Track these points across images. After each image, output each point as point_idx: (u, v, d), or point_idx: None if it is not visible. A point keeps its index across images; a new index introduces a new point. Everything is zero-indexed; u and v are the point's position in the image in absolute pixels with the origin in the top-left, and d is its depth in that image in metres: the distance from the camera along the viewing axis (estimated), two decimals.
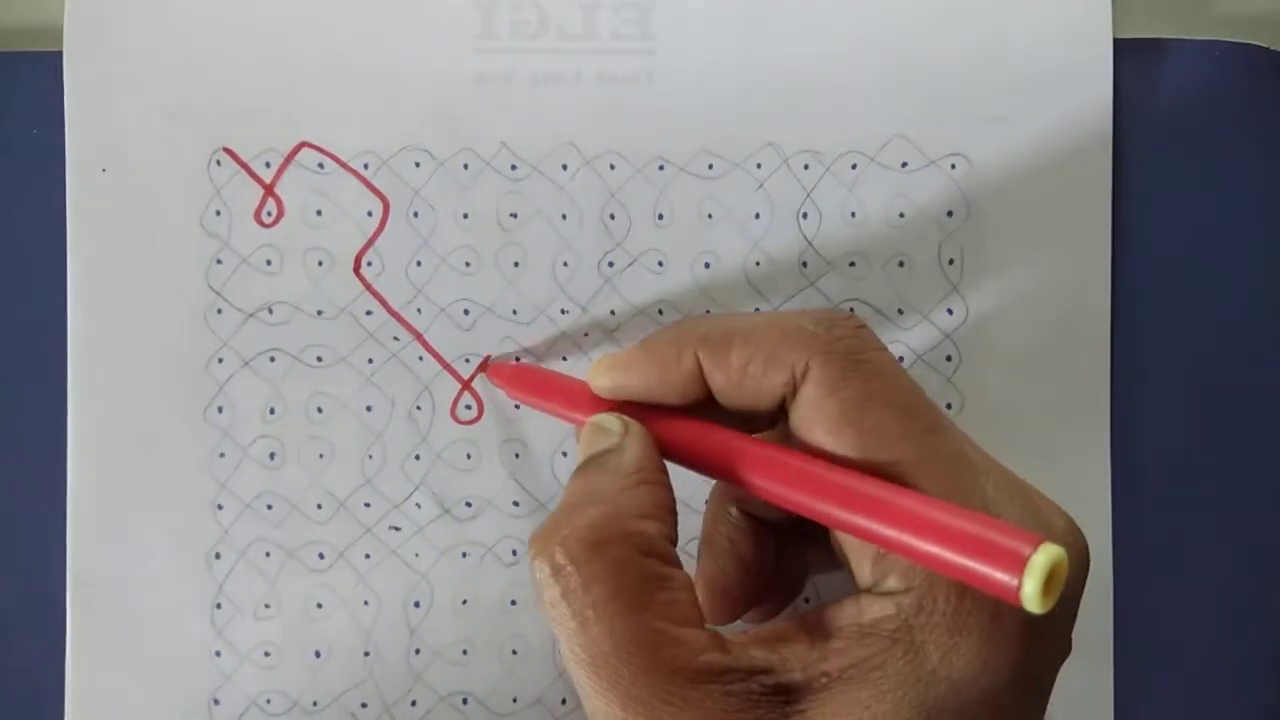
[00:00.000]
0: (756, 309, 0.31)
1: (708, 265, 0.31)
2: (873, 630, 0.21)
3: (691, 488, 0.31)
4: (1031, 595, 0.18)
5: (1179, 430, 0.31)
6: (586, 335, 0.31)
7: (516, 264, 0.31)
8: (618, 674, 0.21)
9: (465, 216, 0.31)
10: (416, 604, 0.31)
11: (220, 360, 0.31)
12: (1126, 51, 0.31)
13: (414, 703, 0.31)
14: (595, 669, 0.21)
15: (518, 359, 0.31)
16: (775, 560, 0.27)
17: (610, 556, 0.22)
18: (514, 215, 0.31)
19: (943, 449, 0.22)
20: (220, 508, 0.31)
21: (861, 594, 0.22)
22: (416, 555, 0.31)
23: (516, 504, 0.31)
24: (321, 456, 0.31)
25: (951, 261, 0.31)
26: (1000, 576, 0.19)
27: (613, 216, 0.31)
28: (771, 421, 0.25)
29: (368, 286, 0.31)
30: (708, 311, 0.31)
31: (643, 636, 0.21)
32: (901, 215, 0.31)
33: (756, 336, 0.24)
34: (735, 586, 0.27)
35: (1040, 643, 0.21)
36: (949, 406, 0.31)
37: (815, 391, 0.23)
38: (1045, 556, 0.19)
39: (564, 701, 0.31)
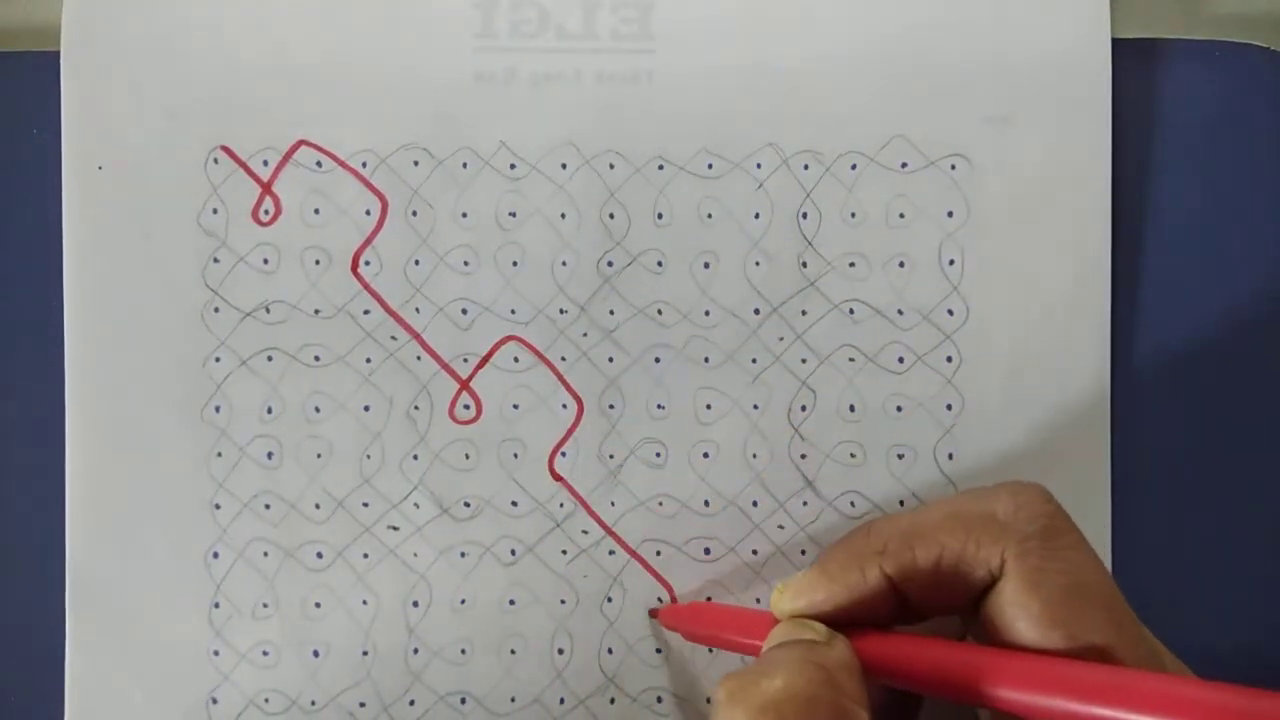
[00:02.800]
0: (755, 310, 0.31)
1: (707, 265, 0.31)
2: None
3: (690, 488, 0.31)
4: None
5: (1179, 430, 0.31)
6: (585, 335, 0.31)
7: (515, 263, 0.31)
8: None
9: (464, 215, 0.31)
10: (415, 603, 0.31)
11: (218, 359, 0.31)
12: (1126, 52, 0.31)
13: (412, 702, 0.31)
14: None
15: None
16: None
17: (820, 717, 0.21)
18: (513, 214, 0.31)
19: (1141, 643, 0.22)
20: (218, 507, 0.31)
21: None
22: (415, 555, 0.31)
23: (515, 504, 0.31)
24: (319, 456, 0.31)
25: (952, 262, 0.31)
26: None
27: (612, 216, 0.31)
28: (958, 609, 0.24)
29: (366, 286, 0.31)
30: (707, 313, 0.31)
31: None
32: (901, 216, 0.31)
33: (941, 535, 0.23)
34: None
35: None
36: (949, 407, 0.31)
37: (1015, 588, 0.22)
38: None
39: (562, 701, 0.31)
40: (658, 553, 0.31)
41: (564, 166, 0.31)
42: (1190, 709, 0.20)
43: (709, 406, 0.31)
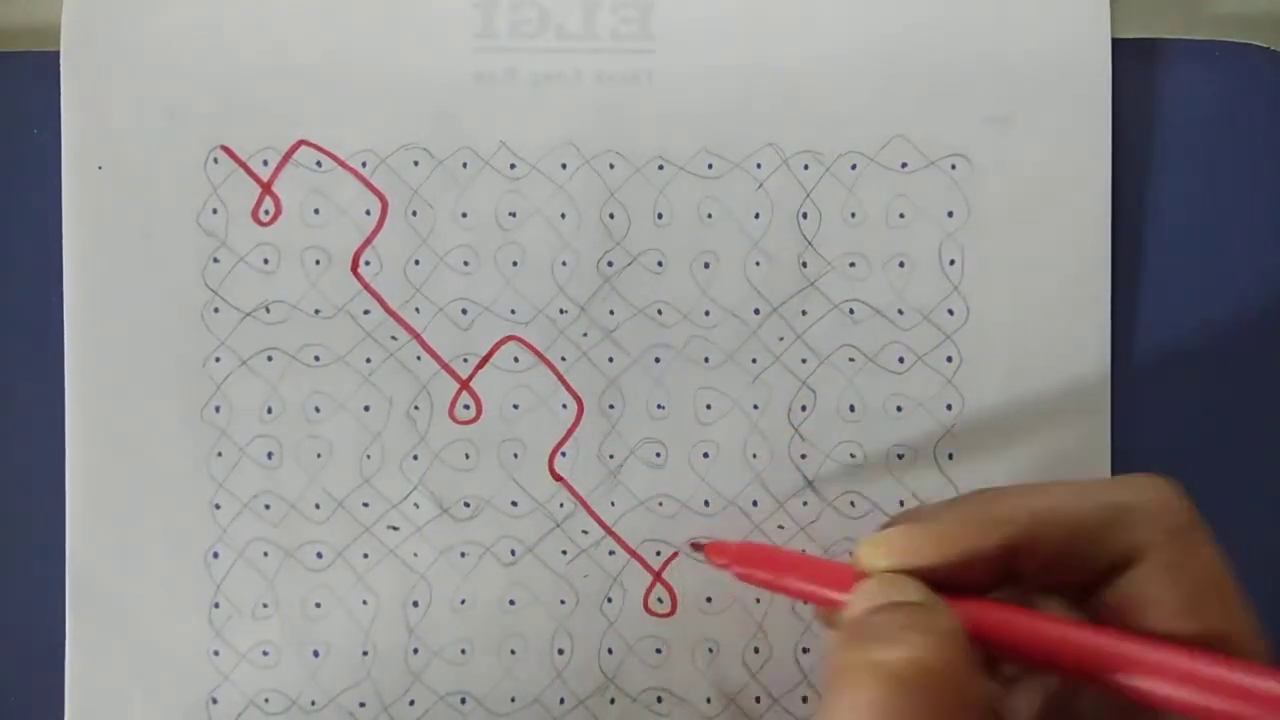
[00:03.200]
0: (755, 310, 0.31)
1: (707, 265, 0.31)
2: None
3: (690, 488, 0.31)
4: None
5: (1180, 430, 0.31)
6: (585, 335, 0.31)
7: (515, 263, 0.31)
8: None
9: (464, 215, 0.31)
10: (415, 603, 0.31)
11: (217, 359, 0.31)
12: (1126, 52, 0.31)
13: (412, 702, 0.31)
14: None
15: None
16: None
17: (946, 692, 0.20)
18: (513, 214, 0.31)
19: (1260, 639, 0.22)
20: (218, 507, 0.31)
21: None
22: (415, 555, 0.31)
23: (515, 504, 0.31)
24: (319, 456, 0.31)
25: (952, 262, 0.31)
26: None
27: (612, 216, 0.31)
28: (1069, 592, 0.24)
29: (365, 286, 0.31)
30: (707, 313, 0.31)
31: None
32: (901, 215, 0.31)
33: (1078, 516, 0.22)
34: None
35: None
36: (949, 407, 0.31)
37: (1154, 577, 0.22)
38: None
39: (562, 701, 0.31)
40: (658, 553, 0.31)
41: (564, 166, 0.31)
42: None
43: (709, 406, 0.31)
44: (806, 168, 0.31)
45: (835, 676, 0.21)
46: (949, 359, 0.31)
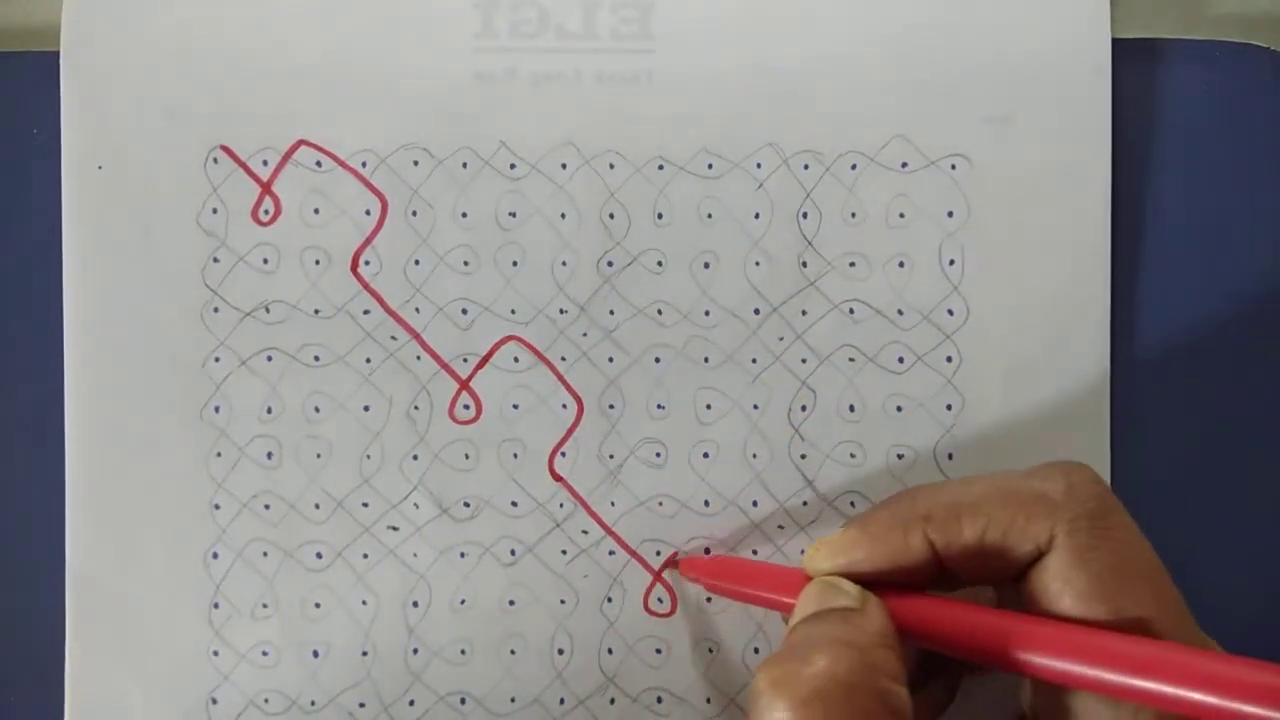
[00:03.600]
0: (756, 310, 0.31)
1: (707, 265, 0.31)
2: None
3: (690, 488, 0.31)
4: None
5: (1179, 430, 0.31)
6: (585, 335, 0.31)
7: (515, 263, 0.31)
8: None
9: (464, 215, 0.31)
10: (415, 604, 0.31)
11: (217, 359, 0.31)
12: (1126, 52, 0.31)
13: (412, 702, 0.31)
14: None
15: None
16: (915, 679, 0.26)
17: (862, 706, 0.21)
18: (513, 214, 0.31)
19: (1186, 622, 0.22)
20: (217, 507, 0.31)
21: None
22: (415, 555, 0.31)
23: (515, 504, 0.31)
24: (319, 456, 0.31)
25: (952, 262, 0.31)
26: None
27: (612, 216, 0.31)
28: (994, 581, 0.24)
29: (365, 285, 0.31)
30: (707, 313, 0.31)
31: None
32: (901, 215, 0.31)
33: (989, 508, 0.23)
34: None
35: None
36: (949, 407, 0.31)
37: (1062, 562, 0.22)
38: None
39: (562, 701, 0.31)
40: (658, 553, 0.31)
41: (564, 166, 0.31)
42: (1237, 688, 0.20)
43: (709, 406, 0.31)
44: (806, 168, 0.31)
45: (755, 695, 0.21)
46: (949, 359, 0.31)
